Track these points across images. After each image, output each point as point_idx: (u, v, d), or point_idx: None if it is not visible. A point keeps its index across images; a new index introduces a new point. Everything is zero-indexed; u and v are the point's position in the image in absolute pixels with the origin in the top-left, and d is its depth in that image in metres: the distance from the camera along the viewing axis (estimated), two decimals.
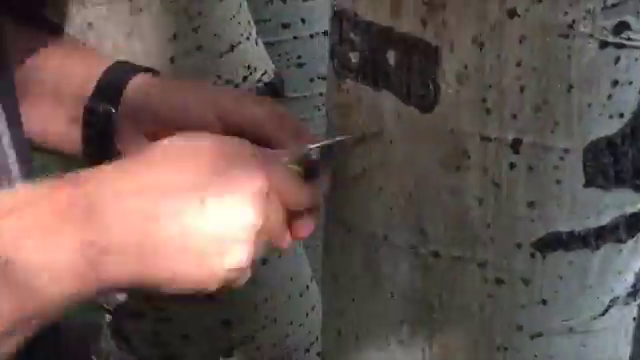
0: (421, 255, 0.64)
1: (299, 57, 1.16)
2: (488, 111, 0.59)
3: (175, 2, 0.81)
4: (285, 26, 1.11)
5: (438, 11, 0.58)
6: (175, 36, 0.82)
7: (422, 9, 0.58)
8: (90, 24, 0.81)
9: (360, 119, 0.64)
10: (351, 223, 0.68)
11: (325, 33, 1.13)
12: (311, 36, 1.14)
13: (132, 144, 0.74)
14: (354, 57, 0.63)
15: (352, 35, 0.62)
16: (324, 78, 1.14)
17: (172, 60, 0.79)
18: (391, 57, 0.61)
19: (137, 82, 0.75)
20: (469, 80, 0.58)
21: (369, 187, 0.65)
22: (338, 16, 0.64)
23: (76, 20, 0.80)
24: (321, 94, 1.18)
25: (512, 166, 0.59)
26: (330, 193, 0.69)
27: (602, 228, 0.61)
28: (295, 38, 1.13)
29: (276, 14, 1.10)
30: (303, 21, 1.12)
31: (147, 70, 0.77)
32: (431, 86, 0.59)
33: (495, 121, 0.59)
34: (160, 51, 0.81)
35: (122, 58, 0.78)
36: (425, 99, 0.60)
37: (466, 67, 0.58)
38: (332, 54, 0.66)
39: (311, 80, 1.18)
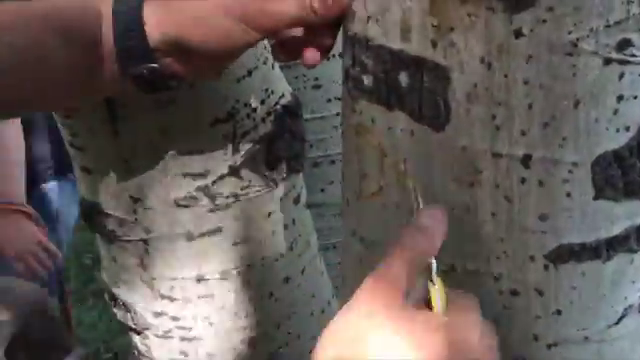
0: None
1: (316, 79, 1.18)
2: (498, 128, 0.60)
3: None
4: None
5: (446, 33, 0.60)
6: None
7: (431, 31, 0.60)
8: None
9: (374, 139, 0.66)
10: (368, 239, 0.70)
11: (341, 55, 1.15)
12: (327, 58, 1.16)
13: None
14: (367, 79, 0.65)
15: (364, 58, 0.64)
16: (341, 99, 1.16)
17: (191, 85, 0.81)
18: (403, 78, 0.63)
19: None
20: (479, 99, 0.60)
21: (385, 204, 0.67)
22: (350, 40, 0.66)
23: None
24: (338, 114, 1.19)
25: (523, 181, 0.61)
26: (347, 210, 0.71)
27: (613, 239, 0.63)
28: None
29: None
30: None
31: None
32: (442, 105, 0.61)
33: (505, 138, 0.60)
34: None
35: None
36: (437, 118, 0.62)
37: (475, 86, 0.60)
38: (346, 77, 0.68)
39: (328, 101, 1.20)
